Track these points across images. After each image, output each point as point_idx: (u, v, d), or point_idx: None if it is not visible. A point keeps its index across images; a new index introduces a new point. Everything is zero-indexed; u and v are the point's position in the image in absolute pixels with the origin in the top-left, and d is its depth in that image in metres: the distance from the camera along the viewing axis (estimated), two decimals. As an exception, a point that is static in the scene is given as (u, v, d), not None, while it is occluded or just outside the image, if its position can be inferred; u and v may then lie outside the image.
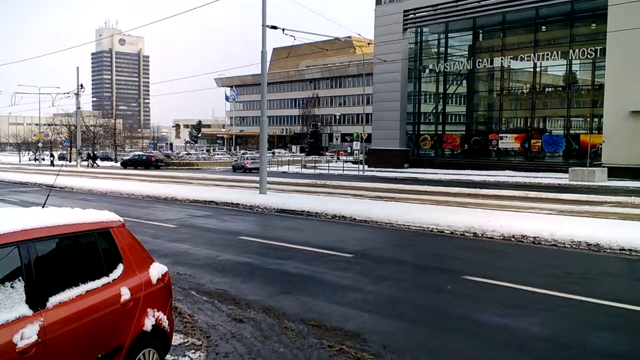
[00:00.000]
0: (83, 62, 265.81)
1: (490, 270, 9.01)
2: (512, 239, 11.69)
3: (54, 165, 56.06)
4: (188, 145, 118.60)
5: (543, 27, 40.40)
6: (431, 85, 48.08)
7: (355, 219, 14.89)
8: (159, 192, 22.24)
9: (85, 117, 73.05)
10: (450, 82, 46.09)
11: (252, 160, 44.36)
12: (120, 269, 4.09)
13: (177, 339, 5.54)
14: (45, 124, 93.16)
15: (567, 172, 30.75)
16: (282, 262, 9.46)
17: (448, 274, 8.64)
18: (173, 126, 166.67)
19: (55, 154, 67.58)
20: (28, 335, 3.10)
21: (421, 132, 47.25)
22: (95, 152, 57.69)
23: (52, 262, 3.54)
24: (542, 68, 40.63)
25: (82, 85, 52.49)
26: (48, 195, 5.27)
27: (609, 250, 10.45)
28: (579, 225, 12.33)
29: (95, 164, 53.58)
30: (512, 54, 41.26)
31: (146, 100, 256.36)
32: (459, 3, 41.37)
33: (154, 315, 4.24)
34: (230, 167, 48.28)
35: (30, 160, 74.54)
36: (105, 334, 3.76)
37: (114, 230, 4.22)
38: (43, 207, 4.25)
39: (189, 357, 5.21)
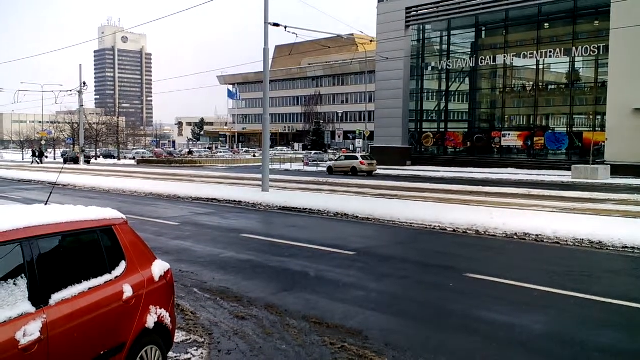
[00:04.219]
0: (86, 60, 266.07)
1: (493, 267, 9.01)
2: (515, 237, 11.68)
3: None
4: (191, 143, 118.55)
5: (546, 25, 40.29)
6: (434, 82, 48.03)
7: (357, 216, 14.89)
8: (161, 189, 22.28)
9: (88, 114, 73.31)
10: (453, 79, 46.02)
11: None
12: (122, 266, 4.10)
13: (179, 337, 5.55)
14: (48, 122, 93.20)
15: (570, 169, 30.70)
16: (285, 260, 9.47)
17: (450, 272, 8.63)
18: (176, 124, 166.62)
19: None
20: (31, 332, 3.11)
21: (424, 130, 47.21)
22: (41, 150, 58.69)
23: (55, 259, 3.55)
24: (545, 65, 40.53)
25: (85, 83, 52.59)
26: (51, 193, 5.28)
27: (611, 248, 10.43)
28: (582, 223, 12.30)
29: (40, 161, 54.26)
30: (515, 51, 41.16)
31: (149, 98, 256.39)
32: (462, 0, 41.27)
33: (157, 313, 4.25)
34: (236, 165, 48.31)
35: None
36: (108, 331, 3.77)
37: (117, 227, 4.22)
38: (46, 204, 4.26)
39: (192, 354, 5.22)
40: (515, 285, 7.76)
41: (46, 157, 60.16)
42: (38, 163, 53.16)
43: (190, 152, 71.13)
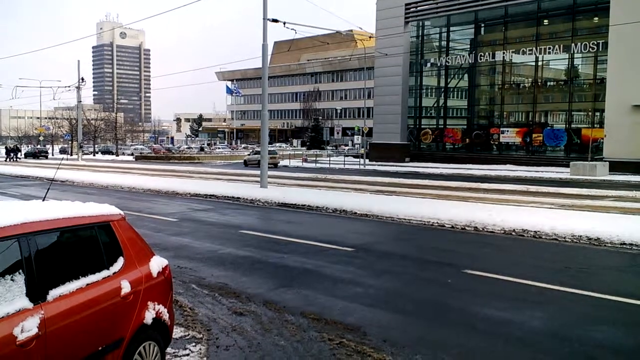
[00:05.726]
0: (84, 56, 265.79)
1: (491, 264, 9.02)
2: (513, 233, 11.69)
3: None
4: (189, 139, 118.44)
5: (545, 21, 40.25)
6: (432, 79, 47.97)
7: (356, 213, 14.88)
8: (159, 186, 22.27)
9: (86, 110, 73.11)
10: (452, 76, 45.97)
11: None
12: (120, 262, 4.09)
13: (177, 332, 5.55)
14: (46, 118, 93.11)
15: (568, 166, 30.72)
16: (283, 256, 9.47)
17: (448, 268, 8.64)
18: (174, 120, 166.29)
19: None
20: (28, 328, 3.11)
21: (422, 126, 47.18)
22: (16, 146, 59.18)
23: (53, 255, 3.54)
24: (544, 62, 40.50)
25: (83, 79, 52.50)
26: (48, 189, 5.27)
27: (609, 245, 10.44)
28: (580, 220, 12.31)
29: (17, 158, 54.21)
30: (514, 47, 41.12)
31: (147, 94, 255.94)
32: (461, -4, 41.21)
33: (155, 309, 4.24)
34: (235, 162, 48.25)
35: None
36: (106, 326, 3.76)
37: (115, 223, 4.21)
38: (43, 200, 4.24)
39: (190, 350, 5.22)
40: (514, 281, 7.77)
41: (22, 154, 61.02)
42: (14, 160, 53.21)
43: (202, 149, 70.35)
